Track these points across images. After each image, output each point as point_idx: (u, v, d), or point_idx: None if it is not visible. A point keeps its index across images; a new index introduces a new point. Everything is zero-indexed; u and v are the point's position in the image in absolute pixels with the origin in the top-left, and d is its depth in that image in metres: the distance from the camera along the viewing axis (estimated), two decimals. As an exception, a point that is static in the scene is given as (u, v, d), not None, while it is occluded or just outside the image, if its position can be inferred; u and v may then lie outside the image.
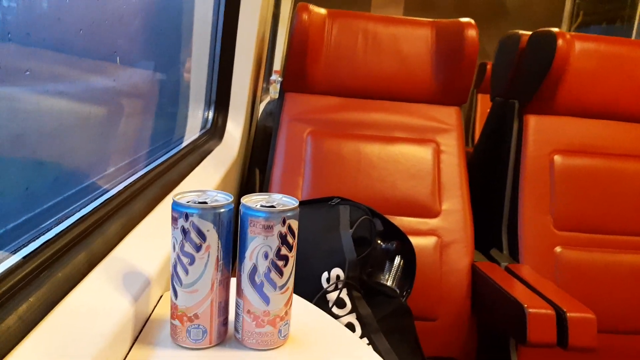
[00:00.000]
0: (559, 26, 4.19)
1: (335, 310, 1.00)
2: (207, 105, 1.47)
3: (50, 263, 0.53)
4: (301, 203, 1.07)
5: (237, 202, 0.57)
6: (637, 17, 4.14)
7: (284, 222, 0.55)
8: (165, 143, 1.17)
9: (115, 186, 0.79)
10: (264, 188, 1.43)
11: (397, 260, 1.13)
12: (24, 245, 0.53)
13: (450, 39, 1.45)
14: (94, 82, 0.76)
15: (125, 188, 0.80)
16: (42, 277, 0.50)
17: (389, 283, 1.11)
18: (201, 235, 0.54)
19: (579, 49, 1.43)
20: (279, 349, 0.59)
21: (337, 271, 1.01)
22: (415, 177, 1.39)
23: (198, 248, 0.54)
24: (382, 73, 1.48)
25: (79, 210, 0.66)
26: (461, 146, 1.46)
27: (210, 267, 0.56)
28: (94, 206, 0.69)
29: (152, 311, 0.64)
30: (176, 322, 0.57)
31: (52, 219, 0.60)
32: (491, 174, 1.57)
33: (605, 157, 1.45)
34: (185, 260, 0.55)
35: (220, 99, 1.46)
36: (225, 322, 0.59)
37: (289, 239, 0.56)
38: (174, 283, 0.56)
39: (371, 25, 1.49)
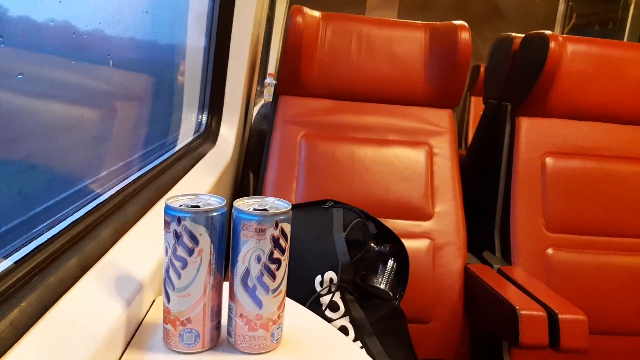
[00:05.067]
0: (552, 29, 4.22)
1: (328, 313, 1.00)
2: (201, 109, 1.47)
3: (42, 267, 0.53)
4: (295, 206, 1.08)
5: (231, 206, 0.58)
6: (629, 20, 4.16)
7: (276, 225, 0.56)
8: (159, 146, 1.16)
9: (108, 190, 0.79)
10: (258, 191, 1.42)
11: (390, 263, 1.13)
12: (16, 250, 0.53)
13: (444, 41, 1.46)
14: (87, 85, 0.76)
15: (118, 192, 0.79)
16: (34, 282, 0.50)
17: (382, 286, 1.11)
18: (194, 239, 0.54)
19: (571, 51, 1.44)
20: (271, 352, 0.59)
21: (330, 274, 1.01)
22: (408, 180, 1.40)
23: (190, 252, 0.55)
24: (376, 76, 1.48)
25: (72, 215, 0.65)
26: (454, 149, 1.46)
27: (202, 271, 0.56)
28: (87, 210, 0.69)
29: (145, 315, 0.64)
30: (169, 326, 0.57)
31: (44, 223, 0.60)
32: (484, 176, 1.58)
33: (597, 159, 1.46)
34: (177, 264, 0.55)
35: (214, 102, 1.46)
36: (217, 326, 0.60)
37: (282, 242, 0.57)
38: (167, 287, 0.56)
39: (365, 27, 1.49)
